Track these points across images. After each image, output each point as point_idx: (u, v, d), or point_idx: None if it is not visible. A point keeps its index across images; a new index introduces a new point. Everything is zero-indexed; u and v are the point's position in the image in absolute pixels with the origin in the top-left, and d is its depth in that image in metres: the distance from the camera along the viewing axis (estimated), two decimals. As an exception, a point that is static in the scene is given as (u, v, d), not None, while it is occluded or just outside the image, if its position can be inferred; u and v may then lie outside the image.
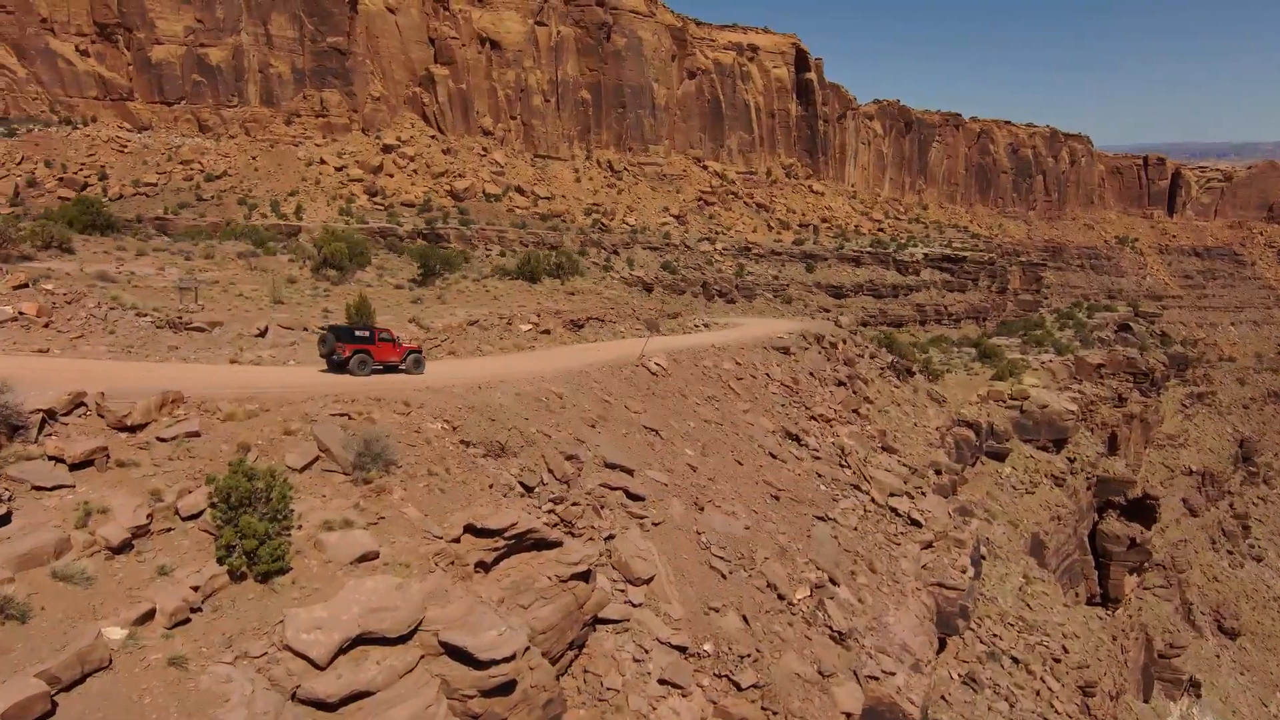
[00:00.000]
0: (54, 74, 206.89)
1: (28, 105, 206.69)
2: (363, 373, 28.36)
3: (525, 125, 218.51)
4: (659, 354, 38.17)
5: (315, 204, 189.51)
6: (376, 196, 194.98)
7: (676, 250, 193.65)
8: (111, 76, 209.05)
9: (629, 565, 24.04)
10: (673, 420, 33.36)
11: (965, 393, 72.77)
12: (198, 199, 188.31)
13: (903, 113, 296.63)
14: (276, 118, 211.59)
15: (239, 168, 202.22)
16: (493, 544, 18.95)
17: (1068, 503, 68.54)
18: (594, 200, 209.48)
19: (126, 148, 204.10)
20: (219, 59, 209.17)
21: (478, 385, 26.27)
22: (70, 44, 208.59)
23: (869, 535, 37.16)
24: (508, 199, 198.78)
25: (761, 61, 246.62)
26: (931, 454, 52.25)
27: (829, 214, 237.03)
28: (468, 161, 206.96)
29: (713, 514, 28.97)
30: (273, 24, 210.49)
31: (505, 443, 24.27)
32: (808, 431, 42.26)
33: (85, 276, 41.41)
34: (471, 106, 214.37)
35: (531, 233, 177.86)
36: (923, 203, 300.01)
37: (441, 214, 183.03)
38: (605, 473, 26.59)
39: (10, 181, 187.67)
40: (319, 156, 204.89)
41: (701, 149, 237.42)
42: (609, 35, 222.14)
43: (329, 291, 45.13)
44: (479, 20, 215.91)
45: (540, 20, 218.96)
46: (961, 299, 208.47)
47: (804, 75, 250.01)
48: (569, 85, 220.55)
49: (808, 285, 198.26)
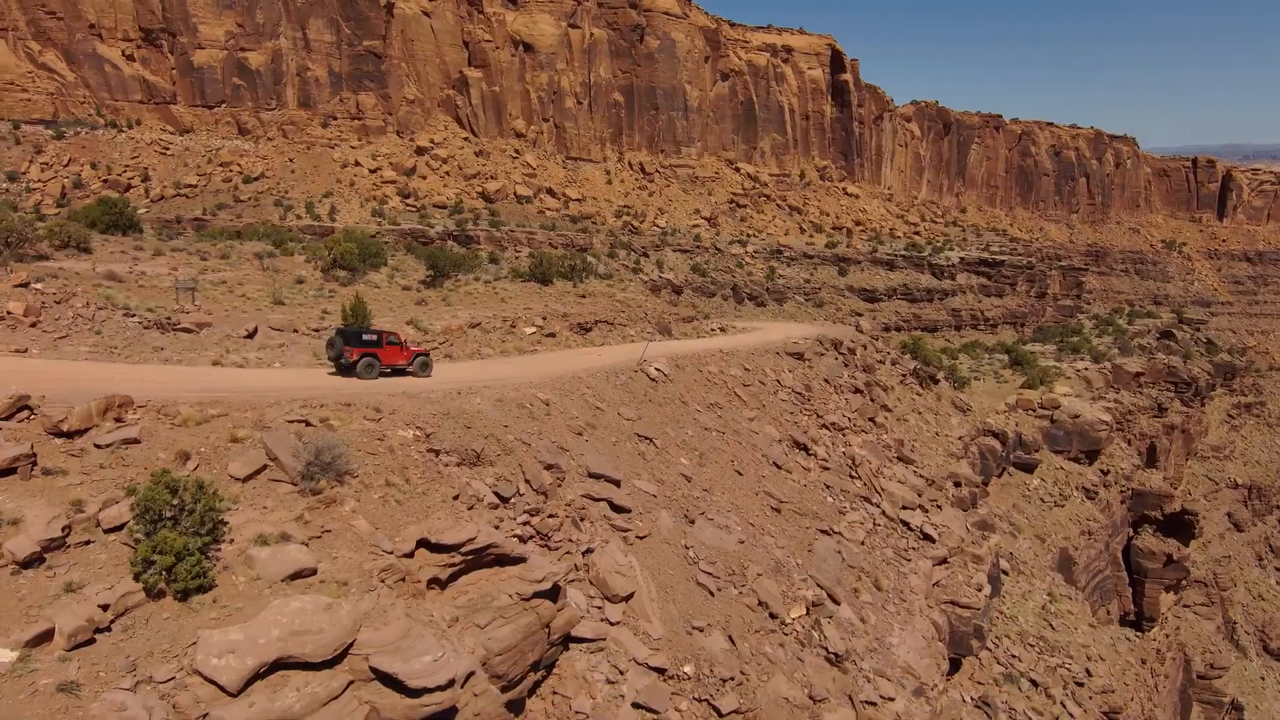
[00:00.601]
0: (100, 78, 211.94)
1: (76, 109, 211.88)
2: (370, 375, 28.39)
3: (557, 127, 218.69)
4: (660, 359, 37.11)
5: (349, 205, 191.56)
6: (409, 198, 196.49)
7: (707, 253, 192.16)
8: (155, 80, 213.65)
9: (606, 581, 23.02)
10: (669, 428, 32.27)
11: (992, 401, 70.42)
12: (235, 200, 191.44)
13: (941, 114, 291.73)
14: (313, 120, 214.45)
15: (276, 170, 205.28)
16: (449, 559, 18.08)
17: (1100, 517, 65.92)
18: (625, 202, 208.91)
19: (169, 150, 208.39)
20: (258, 63, 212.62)
21: (457, 391, 25.48)
22: (116, 49, 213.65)
23: (877, 550, 35.68)
24: (538, 201, 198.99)
25: (796, 62, 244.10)
26: (951, 465, 50.38)
27: (863, 217, 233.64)
28: (500, 163, 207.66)
29: (704, 527, 27.83)
30: (310, 28, 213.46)
31: (481, 451, 23.42)
32: (817, 441, 40.85)
33: (92, 276, 41.53)
34: (504, 109, 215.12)
35: (561, 234, 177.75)
36: (961, 206, 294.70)
37: (472, 215, 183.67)
38: (588, 483, 25.61)
39: (58, 183, 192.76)
40: (354, 159, 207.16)
41: (734, 151, 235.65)
42: (642, 37, 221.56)
43: (334, 293, 44.78)
44: (512, 23, 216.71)
45: (573, 23, 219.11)
46: (999, 304, 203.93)
47: (839, 76, 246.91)
48: (601, 87, 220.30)
49: (840, 289, 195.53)
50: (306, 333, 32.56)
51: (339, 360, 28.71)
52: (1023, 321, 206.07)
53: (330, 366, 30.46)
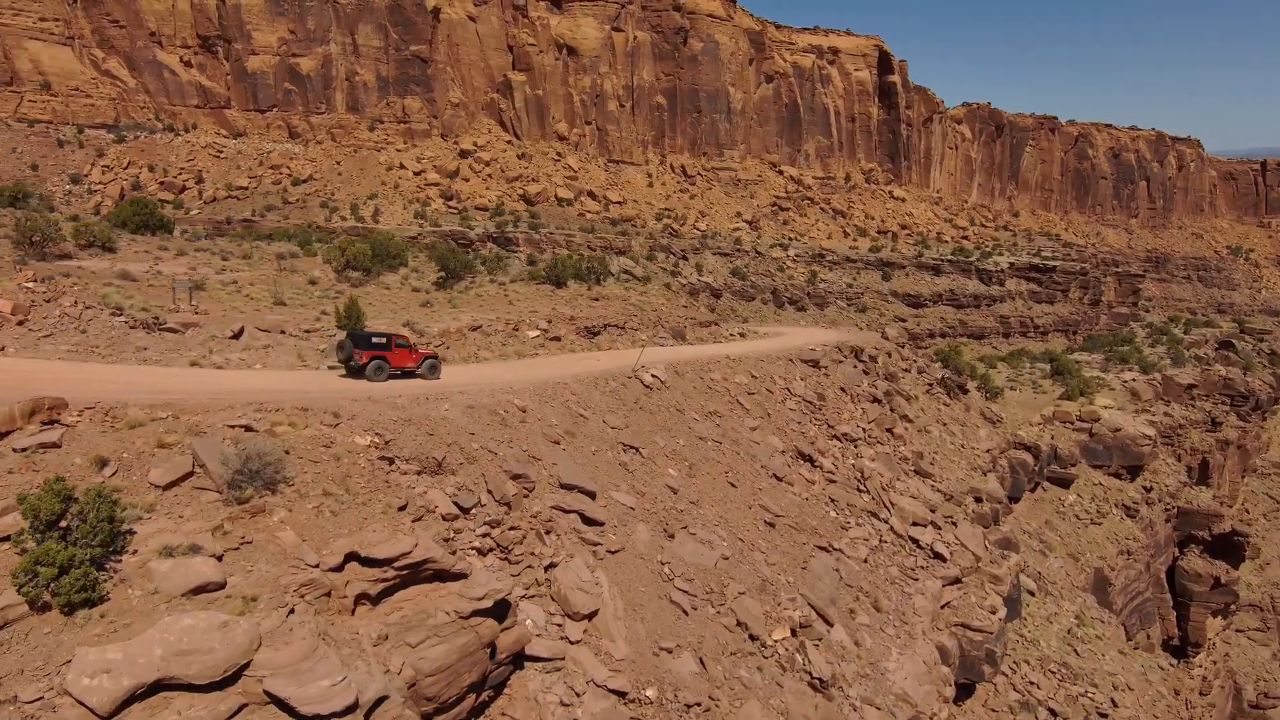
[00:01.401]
0: (160, 84, 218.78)
1: (136, 113, 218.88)
2: (379, 378, 28.49)
3: (600, 130, 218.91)
4: (658, 364, 36.05)
5: (392, 207, 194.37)
6: (451, 200, 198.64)
7: (747, 256, 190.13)
8: (211, 86, 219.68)
9: (568, 598, 22.07)
10: (659, 437, 31.21)
11: (1027, 413, 67.65)
12: (284, 202, 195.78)
13: (993, 116, 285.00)
14: (361, 124, 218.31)
15: (324, 172, 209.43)
16: (380, 574, 17.32)
17: (1140, 536, 62.78)
18: (666, 205, 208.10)
19: (222, 153, 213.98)
20: (309, 68, 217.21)
21: (426, 396, 24.80)
22: (175, 55, 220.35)
23: (880, 569, 34.10)
24: (579, 203, 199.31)
25: (842, 64, 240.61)
26: (974, 479, 48.26)
27: (909, 221, 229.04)
28: (541, 166, 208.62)
29: (685, 541, 26.70)
30: (359, 34, 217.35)
31: (442, 459, 22.68)
32: (825, 452, 39.35)
33: (105, 275, 42.10)
34: (547, 112, 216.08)
35: (600, 237, 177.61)
36: (1013, 210, 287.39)
37: (513, 218, 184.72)
38: (559, 494, 24.70)
39: (117, 185, 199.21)
40: (399, 161, 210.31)
41: (778, 154, 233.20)
42: (685, 40, 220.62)
43: (342, 294, 44.70)
44: (556, 26, 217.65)
45: (617, 26, 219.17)
46: (1049, 311, 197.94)
47: (887, 78, 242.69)
48: (644, 90, 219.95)
49: (883, 294, 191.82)
50: (295, 334, 32.32)
51: (349, 363, 28.82)
52: (1075, 329, 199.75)
53: (312, 368, 30.14)
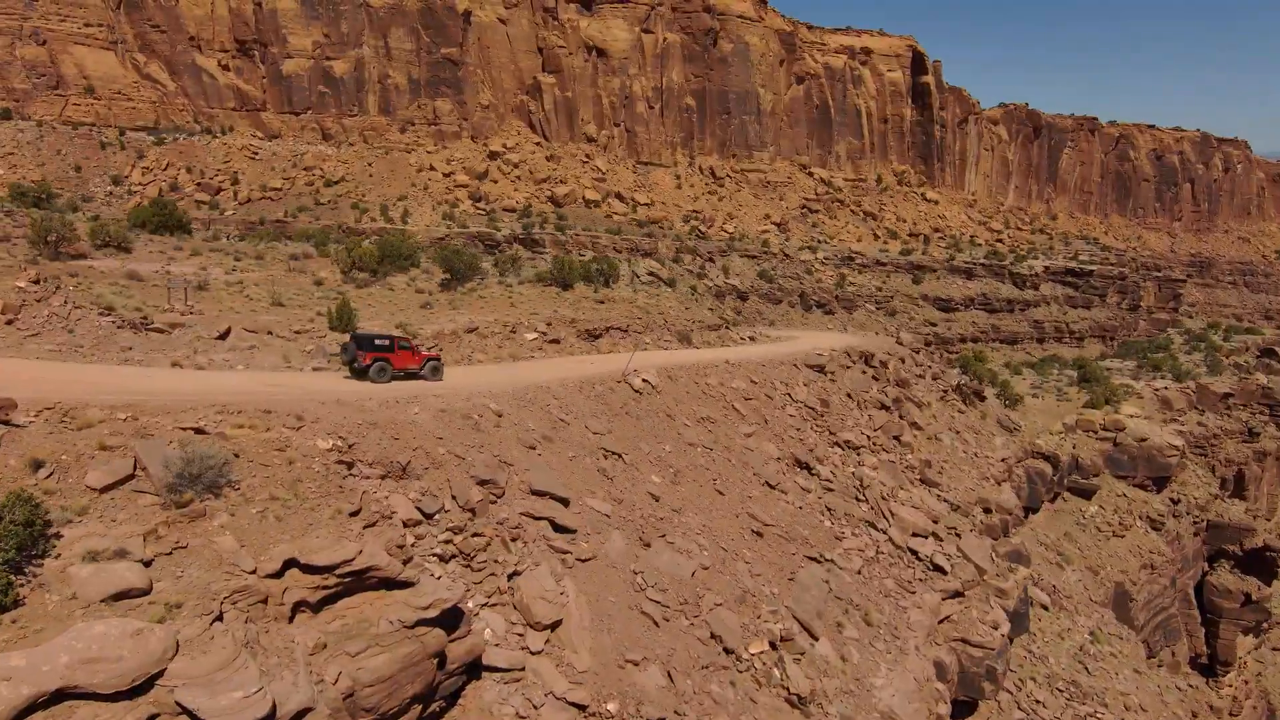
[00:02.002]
0: (198, 87, 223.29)
1: (175, 116, 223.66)
2: (382, 380, 28.94)
3: (629, 132, 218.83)
4: (650, 369, 35.49)
5: (421, 208, 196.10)
6: (480, 201, 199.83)
7: (775, 259, 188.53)
8: (247, 89, 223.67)
9: (529, 607, 21.61)
10: (644, 443, 30.64)
11: (1048, 421, 65.80)
12: (316, 203, 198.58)
13: (1031, 117, 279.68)
14: (392, 126, 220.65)
15: (356, 174, 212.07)
16: (321, 581, 17.01)
17: (1165, 549, 60.67)
18: (694, 207, 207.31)
19: (257, 155, 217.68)
20: (342, 71, 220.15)
21: (396, 399, 24.53)
22: (213, 59, 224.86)
23: (875, 581, 33.17)
24: (606, 205, 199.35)
25: (875, 65, 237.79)
26: (985, 489, 46.90)
27: (942, 223, 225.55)
28: (570, 168, 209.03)
29: (661, 550, 26.11)
30: (392, 37, 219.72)
31: (407, 464, 22.38)
32: (824, 459, 38.47)
33: (112, 275, 42.65)
34: (576, 114, 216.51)
35: (626, 238, 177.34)
36: (1051, 212, 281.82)
37: (540, 219, 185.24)
38: (530, 501, 24.26)
39: (155, 186, 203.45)
40: (429, 163, 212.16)
41: (808, 155, 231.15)
42: (715, 41, 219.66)
43: (344, 294, 44.77)
44: (586, 29, 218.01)
45: (646, 28, 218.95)
46: (1085, 316, 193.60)
47: (920, 78, 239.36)
48: (673, 92, 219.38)
49: (914, 298, 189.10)
50: (283, 335, 32.32)
51: (352, 364, 29.31)
52: (1112, 335, 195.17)
53: (296, 369, 30.10)
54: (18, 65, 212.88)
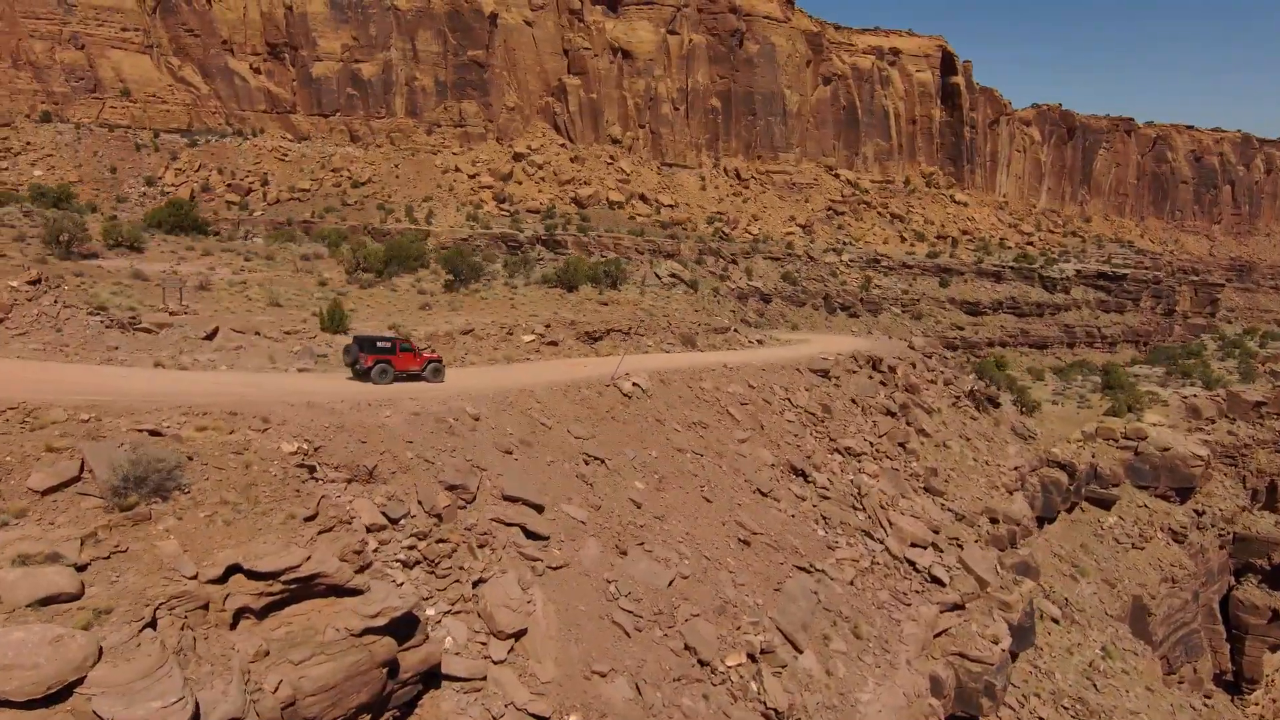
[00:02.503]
0: (230, 90, 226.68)
1: (208, 118, 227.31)
2: (384, 381, 29.35)
3: (653, 134, 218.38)
4: (642, 373, 34.98)
5: (446, 209, 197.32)
6: (504, 203, 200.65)
7: (799, 261, 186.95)
8: (278, 91, 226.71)
9: (493, 615, 21.22)
10: (630, 448, 30.14)
11: (1067, 428, 64.13)
12: (343, 204, 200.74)
13: (1065, 118, 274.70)
14: (419, 128, 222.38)
15: (382, 175, 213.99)
16: (266, 588, 16.76)
17: (1187, 563, 58.82)
18: (718, 209, 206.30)
19: (287, 156, 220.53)
20: (370, 73, 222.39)
21: (368, 402, 24.29)
22: (245, 63, 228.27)
23: (868, 592, 32.36)
24: (630, 206, 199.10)
25: (903, 65, 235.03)
26: (993, 498, 45.70)
27: (971, 226, 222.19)
28: (594, 169, 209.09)
29: (638, 559, 25.60)
30: (419, 39, 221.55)
31: (374, 468, 22.12)
32: (821, 466, 37.68)
33: (120, 274, 43.08)
34: (601, 115, 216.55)
35: (649, 240, 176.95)
36: (1085, 215, 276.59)
37: (563, 220, 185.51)
38: (501, 506, 23.88)
39: (188, 187, 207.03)
40: (455, 164, 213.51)
41: (834, 157, 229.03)
42: (741, 42, 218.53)
43: (345, 294, 44.85)
44: (612, 30, 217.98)
45: (672, 29, 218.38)
46: (1118, 321, 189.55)
47: (950, 79, 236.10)
48: (699, 93, 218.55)
49: (940, 301, 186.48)
50: (271, 336, 32.31)
51: (354, 366, 29.80)
52: (1146, 340, 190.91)
53: (280, 370, 30.04)
54: (57, 69, 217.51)
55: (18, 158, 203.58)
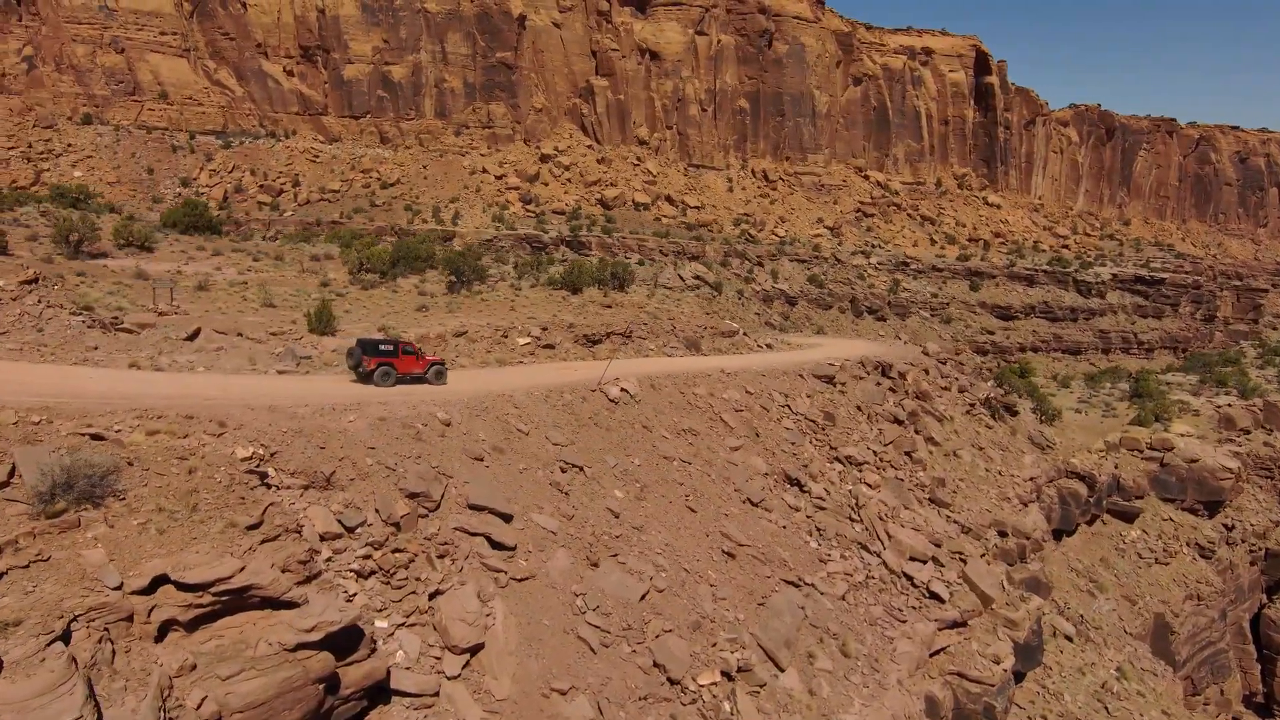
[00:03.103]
0: (264, 92, 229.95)
1: (242, 120, 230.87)
2: (386, 384, 29.58)
3: (681, 135, 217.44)
4: (631, 378, 34.15)
5: (472, 210, 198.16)
6: (530, 204, 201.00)
7: (826, 263, 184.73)
8: (310, 94, 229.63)
9: (448, 629, 20.55)
10: (611, 455, 29.34)
11: (1089, 438, 62.01)
12: (371, 204, 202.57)
13: (1104, 118, 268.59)
14: (447, 129, 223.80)
15: (411, 176, 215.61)
16: (195, 599, 16.24)
17: (1214, 579, 56.48)
18: (745, 210, 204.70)
19: (318, 158, 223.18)
20: (400, 75, 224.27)
21: (332, 406, 23.77)
22: (279, 65, 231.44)
23: (860, 608, 31.20)
24: (655, 208, 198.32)
25: (936, 65, 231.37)
26: (1003, 510, 44.12)
27: (1004, 228, 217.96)
28: (620, 170, 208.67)
29: (610, 571, 24.78)
30: (449, 42, 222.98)
31: (331, 474, 21.58)
32: (818, 476, 36.54)
33: (123, 274, 43.30)
34: (628, 117, 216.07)
35: (673, 241, 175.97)
36: (1124, 217, 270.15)
37: (588, 221, 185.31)
38: (466, 515, 23.22)
39: (221, 187, 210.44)
40: (482, 166, 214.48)
41: (864, 158, 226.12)
42: (770, 43, 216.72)
43: (344, 295, 44.66)
44: (640, 32, 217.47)
45: (701, 30, 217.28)
46: (1155, 326, 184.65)
47: (984, 79, 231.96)
48: (727, 94, 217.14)
49: (970, 304, 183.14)
50: (253, 337, 32.02)
51: (357, 369, 29.99)
52: (1185, 347, 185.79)
53: (260, 372, 29.72)
54: (98, 72, 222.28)
55: (59, 159, 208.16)
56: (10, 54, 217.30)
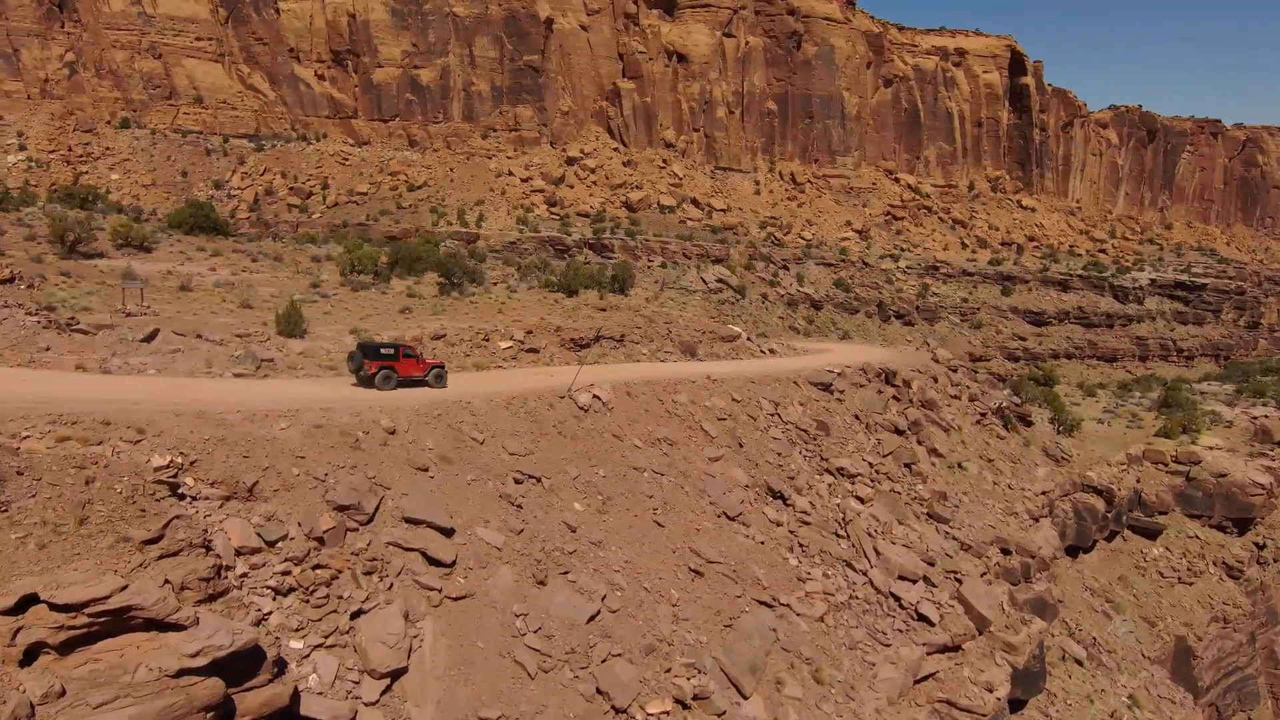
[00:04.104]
0: (296, 96, 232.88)
1: (274, 124, 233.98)
2: (387, 387, 29.74)
3: (708, 137, 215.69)
4: (605, 384, 32.75)
5: (497, 213, 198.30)
6: (555, 206, 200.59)
7: (853, 267, 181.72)
8: (341, 97, 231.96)
9: (368, 651, 19.34)
10: (574, 466, 27.98)
11: (1110, 450, 59.24)
12: (397, 207, 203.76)
13: (1145, 119, 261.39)
14: (475, 132, 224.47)
15: (438, 179, 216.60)
16: (69, 620, 15.19)
17: (1243, 601, 53.50)
18: (772, 213, 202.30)
19: (347, 161, 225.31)
20: (429, 79, 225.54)
21: (265, 413, 22.71)
22: (310, 70, 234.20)
23: (840, 630, 29.45)
24: (681, 211, 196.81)
25: (969, 66, 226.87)
26: (1009, 526, 41.91)
27: (1038, 232, 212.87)
28: (646, 173, 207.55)
29: (558, 590, 23.40)
30: (476, 45, 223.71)
31: (254, 485, 20.50)
32: (805, 489, 34.81)
33: (111, 275, 42.99)
34: (655, 119, 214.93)
35: (697, 244, 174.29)
36: (1166, 221, 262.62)
37: (612, 224, 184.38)
38: (402, 529, 22.01)
39: (252, 190, 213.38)
40: (508, 168, 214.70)
41: (895, 160, 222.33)
42: (799, 44, 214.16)
43: (329, 296, 43.91)
44: (667, 34, 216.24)
45: (728, 32, 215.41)
46: (1196, 333, 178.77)
47: (1019, 80, 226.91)
48: (755, 96, 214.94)
49: (1002, 310, 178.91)
50: (213, 339, 31.21)
51: (358, 372, 30.03)
52: (1227, 354, 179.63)
53: (215, 375, 28.87)
54: (136, 77, 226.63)
55: (97, 162, 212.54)
56: (54, 60, 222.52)
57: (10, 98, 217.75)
